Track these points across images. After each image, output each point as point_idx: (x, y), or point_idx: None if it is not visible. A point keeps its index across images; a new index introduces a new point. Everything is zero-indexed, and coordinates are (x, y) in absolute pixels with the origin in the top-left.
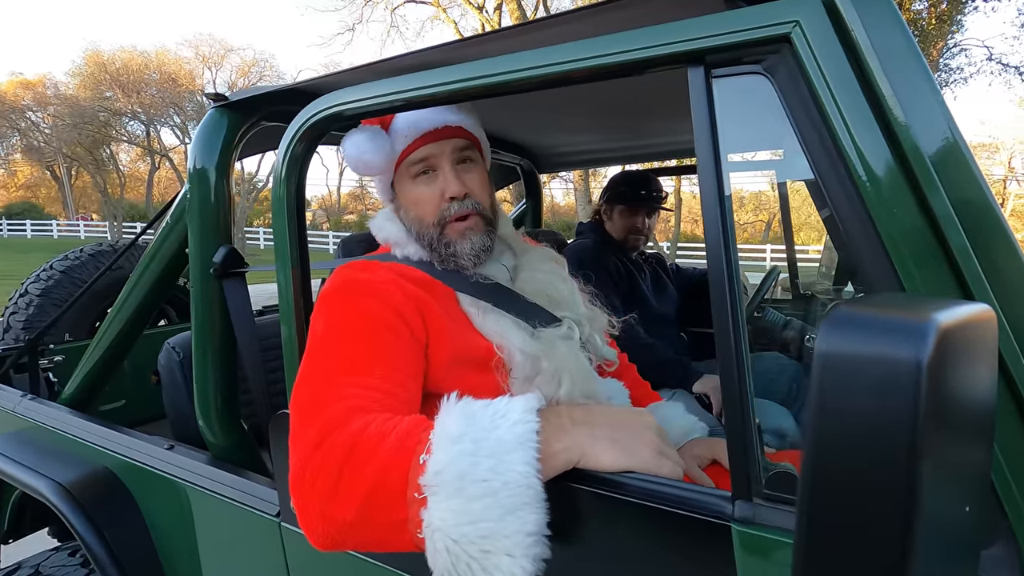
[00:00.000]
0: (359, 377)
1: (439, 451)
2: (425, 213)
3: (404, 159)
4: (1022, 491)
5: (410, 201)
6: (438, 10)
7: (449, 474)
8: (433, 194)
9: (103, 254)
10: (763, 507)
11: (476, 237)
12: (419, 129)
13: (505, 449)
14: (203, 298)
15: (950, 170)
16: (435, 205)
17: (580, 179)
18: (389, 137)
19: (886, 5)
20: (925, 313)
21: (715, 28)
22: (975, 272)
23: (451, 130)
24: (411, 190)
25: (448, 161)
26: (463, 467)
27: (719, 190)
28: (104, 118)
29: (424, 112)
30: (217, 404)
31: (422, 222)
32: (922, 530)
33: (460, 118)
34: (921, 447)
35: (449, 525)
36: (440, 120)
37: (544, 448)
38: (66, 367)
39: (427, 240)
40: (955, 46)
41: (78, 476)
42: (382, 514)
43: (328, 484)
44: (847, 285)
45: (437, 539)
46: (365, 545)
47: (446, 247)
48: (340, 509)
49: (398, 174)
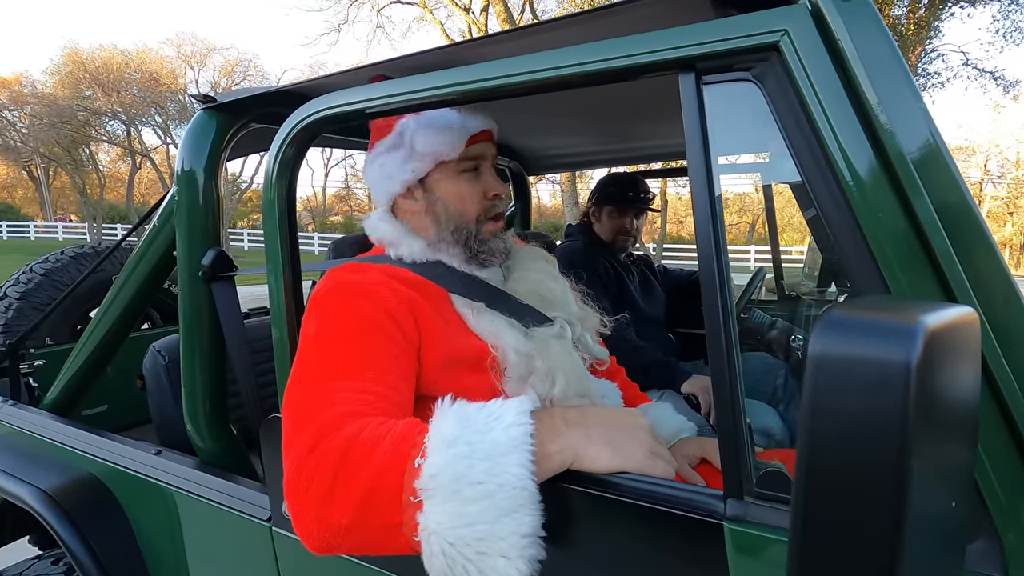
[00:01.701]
0: (351, 381)
1: (434, 454)
2: (469, 209)
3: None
4: (1004, 488)
5: (453, 195)
6: (424, 11)
7: (445, 477)
8: (477, 191)
9: (85, 256)
10: (754, 505)
11: (505, 238)
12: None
13: (500, 451)
14: (191, 301)
15: (932, 174)
16: (480, 201)
17: (567, 181)
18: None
19: (871, 15)
20: (913, 316)
21: (706, 36)
22: (957, 274)
23: (489, 134)
24: (456, 185)
25: (489, 162)
26: (459, 470)
27: (710, 194)
28: (83, 117)
29: (465, 109)
30: (206, 408)
31: (463, 217)
32: (911, 526)
33: (492, 125)
34: (910, 445)
35: (445, 528)
36: (484, 123)
37: (539, 450)
38: (47, 372)
39: (464, 235)
40: (933, 51)
41: (62, 482)
42: (378, 518)
43: (323, 489)
44: (830, 286)
45: (433, 542)
46: (361, 548)
47: (480, 243)
48: (335, 513)
49: (439, 170)
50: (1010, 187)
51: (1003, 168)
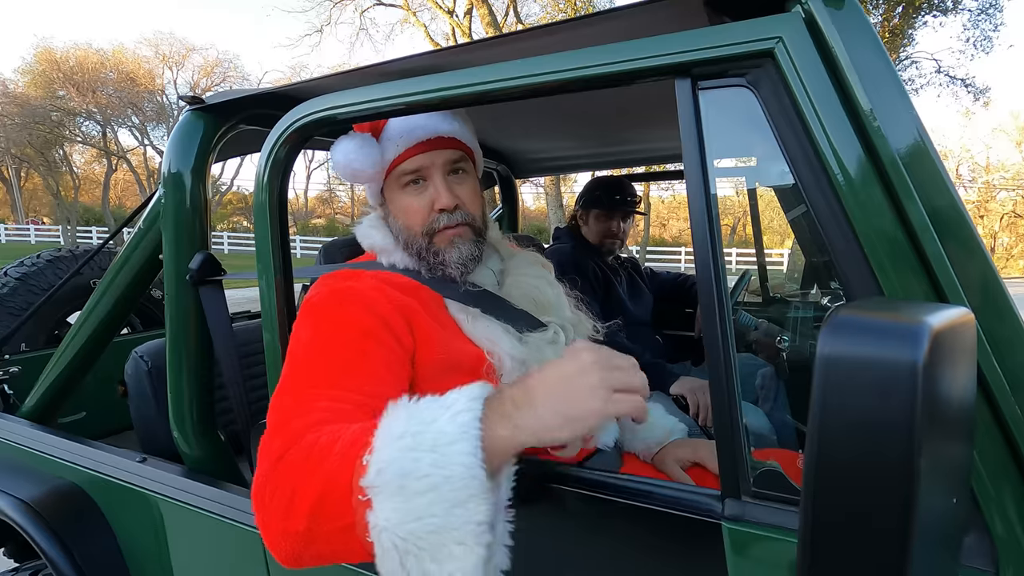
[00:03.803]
0: (334, 390)
1: (381, 450)
2: (414, 223)
3: (395, 168)
4: (994, 484)
5: (399, 210)
6: (408, 13)
7: (390, 472)
8: (422, 204)
9: (62, 260)
10: (752, 505)
11: (465, 246)
12: (412, 138)
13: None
14: (178, 306)
15: (923, 178)
16: (424, 216)
17: (551, 184)
18: (380, 145)
19: (863, 23)
20: (916, 317)
21: (702, 42)
22: (948, 276)
23: (444, 141)
24: (400, 199)
25: (440, 172)
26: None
27: (706, 197)
28: (57, 118)
29: (418, 119)
30: (193, 414)
31: (410, 231)
32: (920, 522)
33: (454, 128)
34: (920, 444)
35: (394, 524)
36: (434, 130)
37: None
38: (23, 379)
39: (415, 249)
40: (907, 58)
41: (42, 492)
42: (331, 522)
43: (284, 499)
44: (814, 288)
45: (384, 539)
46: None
47: (434, 256)
48: (294, 522)
49: (388, 181)
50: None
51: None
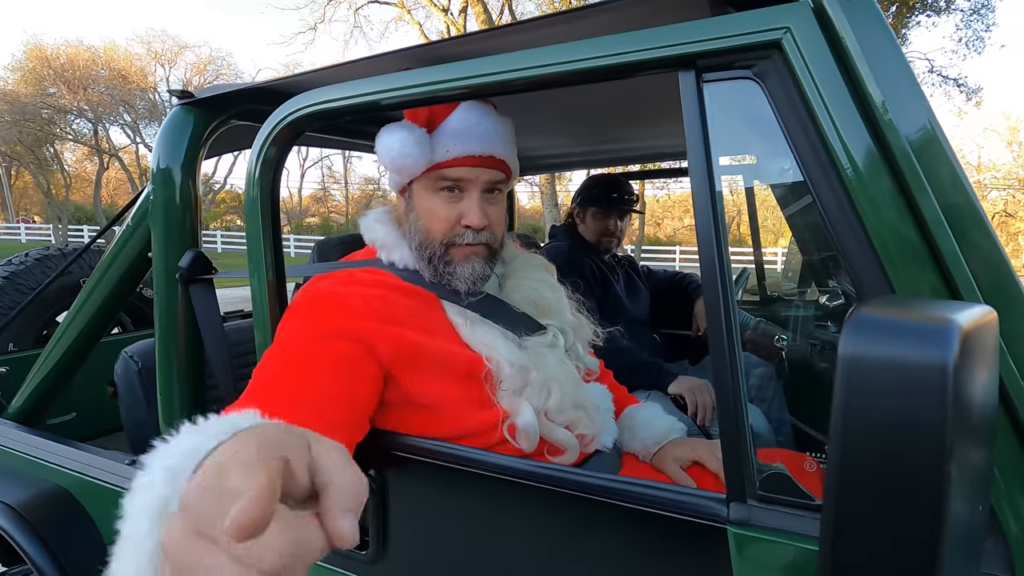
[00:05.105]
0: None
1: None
2: (436, 228)
3: (437, 169)
4: (1009, 489)
5: (424, 210)
6: (402, 11)
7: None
8: (451, 214)
9: (51, 259)
10: (758, 508)
11: (479, 264)
12: (467, 149)
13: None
14: (168, 305)
15: (936, 172)
16: (449, 225)
17: (546, 182)
18: (431, 139)
19: (874, 12)
20: (944, 316)
21: (707, 33)
22: (963, 272)
23: (495, 160)
24: (429, 200)
25: (479, 189)
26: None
27: (711, 193)
28: (47, 115)
29: (479, 131)
30: (183, 415)
31: (429, 235)
32: (950, 529)
33: (507, 152)
34: (951, 448)
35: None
36: (490, 148)
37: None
38: (10, 380)
39: (428, 252)
40: None
41: (28, 496)
42: None
43: None
44: (811, 286)
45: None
46: None
47: (446, 264)
48: None
49: (422, 177)
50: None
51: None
